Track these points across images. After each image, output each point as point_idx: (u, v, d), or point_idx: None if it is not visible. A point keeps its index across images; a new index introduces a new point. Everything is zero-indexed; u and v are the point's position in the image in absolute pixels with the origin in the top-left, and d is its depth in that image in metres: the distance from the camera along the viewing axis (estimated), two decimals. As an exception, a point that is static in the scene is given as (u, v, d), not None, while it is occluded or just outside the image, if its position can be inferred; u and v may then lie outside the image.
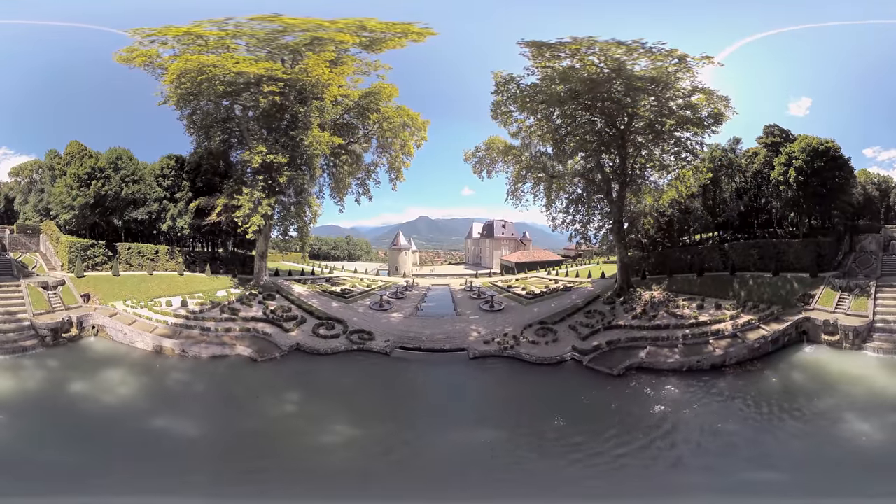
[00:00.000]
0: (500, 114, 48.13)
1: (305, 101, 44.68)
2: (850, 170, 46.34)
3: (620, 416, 25.62)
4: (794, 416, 24.40)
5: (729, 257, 49.08)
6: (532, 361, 34.09)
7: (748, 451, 21.49)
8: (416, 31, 44.18)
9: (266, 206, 45.00)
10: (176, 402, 26.92)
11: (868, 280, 38.00)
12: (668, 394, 28.05)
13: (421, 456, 22.25)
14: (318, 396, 29.35)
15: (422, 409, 28.07)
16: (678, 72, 42.25)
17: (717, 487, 19.52)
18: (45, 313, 36.04)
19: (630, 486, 19.89)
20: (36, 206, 56.08)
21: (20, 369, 29.86)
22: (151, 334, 35.68)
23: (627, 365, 32.01)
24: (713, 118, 44.79)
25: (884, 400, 25.17)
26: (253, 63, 41.00)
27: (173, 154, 53.02)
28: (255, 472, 20.19)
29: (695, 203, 54.37)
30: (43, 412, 24.94)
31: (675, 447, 22.24)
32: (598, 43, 40.08)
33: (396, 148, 55.44)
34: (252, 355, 33.97)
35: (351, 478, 20.29)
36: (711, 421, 24.45)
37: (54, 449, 21.10)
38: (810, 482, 19.34)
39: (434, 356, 35.73)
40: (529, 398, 29.69)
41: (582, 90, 42.79)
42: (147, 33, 40.77)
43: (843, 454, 20.90)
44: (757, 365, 31.84)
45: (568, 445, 22.40)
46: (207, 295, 45.16)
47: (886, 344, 32.28)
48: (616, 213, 49.54)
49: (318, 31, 40.47)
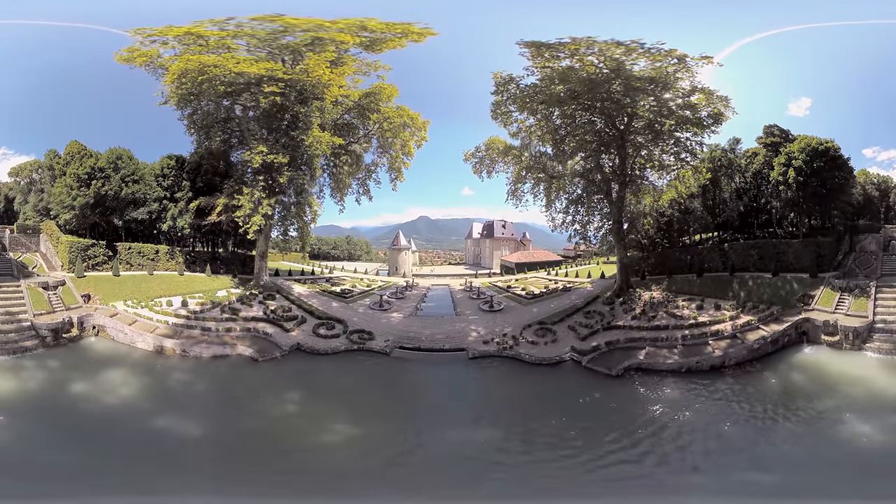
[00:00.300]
0: (499, 114, 48.14)
1: (306, 102, 44.66)
2: (850, 170, 46.22)
3: (618, 416, 25.63)
4: (793, 417, 24.32)
5: (728, 257, 48.84)
6: (531, 362, 34.14)
7: (746, 453, 21.39)
8: (416, 32, 44.16)
9: (266, 207, 45.03)
10: (178, 403, 26.89)
11: (868, 280, 37.89)
12: (666, 395, 28.01)
13: (421, 455, 22.35)
14: (319, 396, 29.44)
15: (421, 408, 28.13)
16: (677, 72, 42.14)
17: (715, 489, 19.49)
18: (46, 313, 35.92)
19: (627, 487, 19.91)
20: (36, 206, 56.09)
21: (21, 370, 29.77)
22: (152, 334, 35.67)
23: (626, 365, 31.99)
24: (713, 118, 44.65)
25: (884, 401, 25.03)
26: (254, 63, 41.04)
27: (173, 154, 53.08)
28: (257, 471, 20.22)
29: (694, 203, 54.16)
30: (44, 413, 24.83)
31: (673, 448, 22.20)
32: (598, 43, 40.06)
33: (397, 148, 55.41)
34: (253, 355, 34.07)
35: (351, 477, 20.35)
36: (710, 422, 24.34)
37: (55, 450, 20.97)
38: (808, 484, 19.23)
39: (434, 356, 35.80)
40: (528, 398, 29.70)
41: (581, 90, 42.77)
42: (148, 33, 40.81)
43: (842, 456, 20.75)
44: (756, 366, 31.70)
45: (566, 446, 22.42)
46: (208, 295, 45.17)
47: (886, 345, 32.21)
48: (616, 214, 49.53)
49: (319, 31, 40.52)
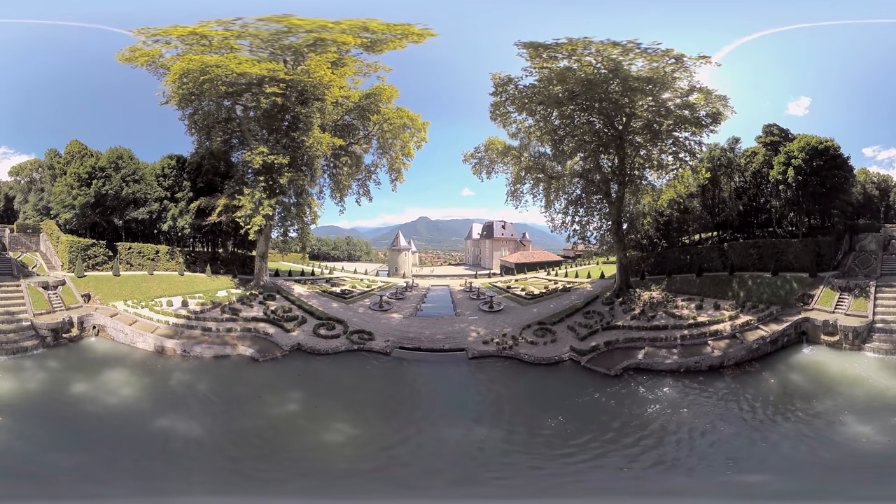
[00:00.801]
0: (498, 115, 48.26)
1: (307, 103, 44.68)
2: (850, 169, 46.13)
3: (617, 416, 25.60)
4: (792, 417, 24.18)
5: (728, 257, 48.74)
6: (530, 361, 34.15)
7: (743, 453, 21.29)
8: (416, 33, 44.18)
9: (267, 207, 45.03)
10: (180, 403, 26.80)
11: (868, 280, 37.89)
12: (664, 394, 27.99)
13: (420, 454, 22.30)
14: (320, 395, 29.29)
15: (422, 407, 28.03)
16: (675, 72, 42.15)
17: (711, 489, 19.47)
18: (46, 313, 35.88)
19: (627, 486, 19.92)
20: (36, 206, 56.15)
21: (21, 370, 29.63)
22: (153, 334, 35.65)
23: (625, 365, 32.01)
24: (711, 118, 44.61)
25: (884, 402, 24.84)
26: (256, 63, 41.04)
27: (174, 154, 53.12)
28: (259, 470, 20.25)
29: (694, 203, 54.14)
30: (44, 414, 24.61)
31: (671, 448, 22.17)
32: (594, 44, 40.09)
33: (396, 149, 55.37)
34: (254, 355, 34.09)
35: (352, 476, 20.33)
36: (708, 422, 24.24)
37: (55, 451, 20.87)
38: (806, 485, 19.06)
39: (434, 356, 35.75)
40: (527, 398, 29.60)
41: (580, 91, 42.85)
42: (152, 33, 40.71)
43: (841, 457, 20.57)
44: (755, 366, 31.62)
45: (565, 445, 22.44)
46: (208, 295, 45.18)
47: (886, 344, 32.23)
48: (615, 214, 49.60)
49: (322, 31, 40.47)
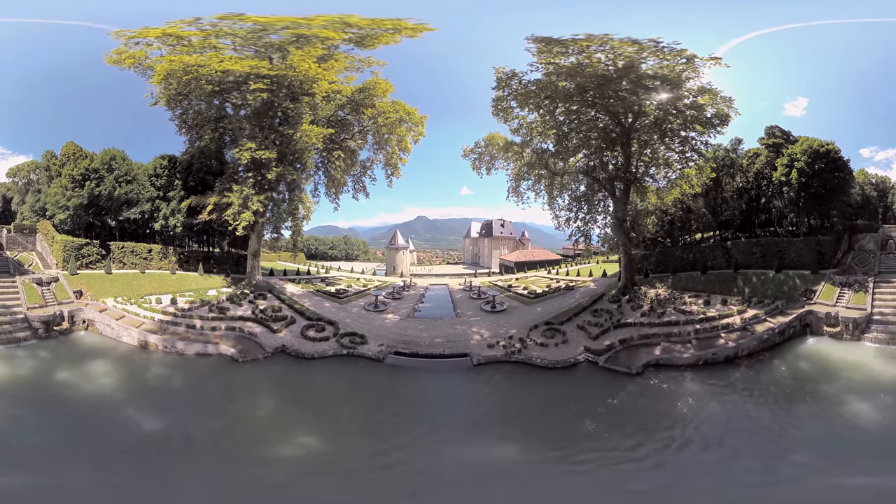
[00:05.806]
0: (500, 110, 47.51)
1: (296, 98, 44.37)
2: (850, 171, 47.98)
3: (652, 414, 25.21)
4: (807, 399, 26.70)
5: (732, 255, 49.90)
6: (544, 366, 31.83)
7: (785, 435, 22.62)
8: (409, 27, 43.37)
9: (256, 203, 44.49)
10: (149, 395, 26.91)
11: (866, 277, 40.24)
12: (689, 387, 28.65)
13: (415, 483, 19.21)
14: (294, 404, 27.25)
15: (417, 424, 24.88)
16: (684, 72, 42.05)
17: (782, 476, 19.60)
18: (39, 307, 36.97)
19: (690, 484, 19.09)
20: (33, 207, 56.66)
21: (13, 358, 31.06)
22: (138, 329, 35.65)
23: (644, 362, 31.45)
24: (719, 119, 44.63)
25: (879, 384, 27.91)
26: (238, 61, 40.58)
27: (166, 154, 53.35)
28: (201, 473, 19.60)
29: (698, 202, 54.24)
30: (30, 398, 25.82)
31: (729, 438, 22.43)
32: (612, 41, 39.56)
33: (393, 144, 54.49)
34: (234, 355, 33.00)
35: (298, 500, 18.05)
36: (742, 411, 25.44)
37: (35, 431, 22.19)
38: (838, 460, 20.42)
39: (433, 363, 32.90)
40: (547, 406, 27.18)
41: (589, 86, 42.37)
42: (129, 35, 40.56)
43: (848, 429, 23.05)
44: (766, 355, 33.44)
45: (605, 458, 20.61)
46: (198, 293, 45.09)
47: (883, 335, 34.64)
48: (620, 212, 48.85)
49: (298, 28, 39.74)
